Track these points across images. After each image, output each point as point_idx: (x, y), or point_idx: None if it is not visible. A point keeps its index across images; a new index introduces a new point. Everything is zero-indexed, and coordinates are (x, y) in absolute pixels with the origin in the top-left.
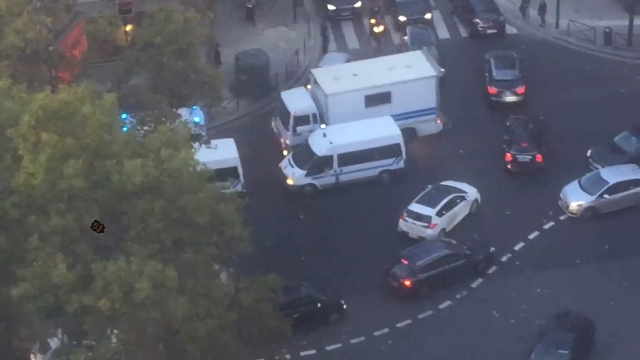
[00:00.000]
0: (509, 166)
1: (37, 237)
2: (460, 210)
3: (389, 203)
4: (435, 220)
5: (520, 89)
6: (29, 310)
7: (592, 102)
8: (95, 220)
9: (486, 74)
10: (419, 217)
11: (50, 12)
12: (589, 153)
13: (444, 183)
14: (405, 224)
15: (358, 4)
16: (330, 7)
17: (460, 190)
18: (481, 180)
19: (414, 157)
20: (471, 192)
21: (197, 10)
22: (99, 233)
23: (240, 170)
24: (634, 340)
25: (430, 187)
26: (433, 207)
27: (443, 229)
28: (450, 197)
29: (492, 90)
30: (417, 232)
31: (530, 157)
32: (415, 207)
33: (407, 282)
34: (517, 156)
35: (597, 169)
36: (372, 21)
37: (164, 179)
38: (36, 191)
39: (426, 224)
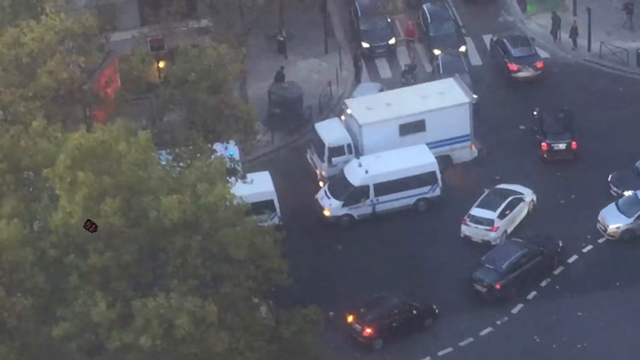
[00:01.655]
0: (545, 155)
1: (76, 276)
2: (520, 212)
3: (427, 231)
4: (498, 222)
5: (539, 64)
6: (70, 349)
7: (627, 124)
8: (88, 220)
9: (502, 53)
10: (481, 220)
11: (82, 52)
12: (610, 178)
13: (499, 186)
14: (468, 229)
15: (392, 41)
16: (365, 44)
17: (517, 192)
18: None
19: (450, 185)
20: (527, 194)
21: (229, 46)
22: (92, 232)
23: (276, 203)
24: None
25: (487, 190)
26: (494, 210)
27: (505, 231)
28: (509, 199)
29: (513, 67)
30: (481, 236)
31: (565, 144)
32: (476, 211)
33: (498, 286)
34: (553, 145)
35: (617, 194)
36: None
37: (201, 214)
38: (74, 230)
39: (489, 227)
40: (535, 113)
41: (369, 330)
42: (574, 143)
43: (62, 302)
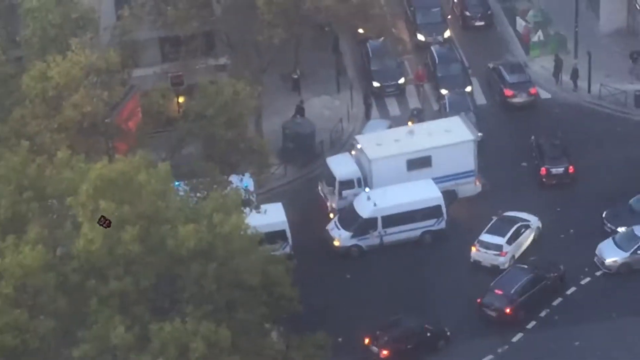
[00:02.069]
0: (544, 179)
1: (96, 300)
2: (526, 238)
3: (433, 262)
4: (506, 248)
5: (533, 90)
6: None
7: (623, 163)
8: (104, 218)
9: (497, 79)
10: (490, 246)
11: (106, 87)
12: (604, 215)
13: (507, 214)
14: (478, 254)
15: (402, 80)
16: (375, 84)
17: (524, 220)
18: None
19: (454, 218)
20: (534, 221)
21: (246, 83)
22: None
23: (288, 233)
24: None
25: (495, 218)
26: (503, 236)
27: (513, 256)
28: (517, 226)
29: (508, 92)
30: (490, 261)
31: (563, 168)
32: (486, 237)
33: (508, 310)
34: (551, 169)
35: (611, 230)
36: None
37: (217, 242)
38: (95, 256)
39: (498, 252)
40: (532, 140)
41: (385, 352)
42: (571, 167)
43: (83, 325)
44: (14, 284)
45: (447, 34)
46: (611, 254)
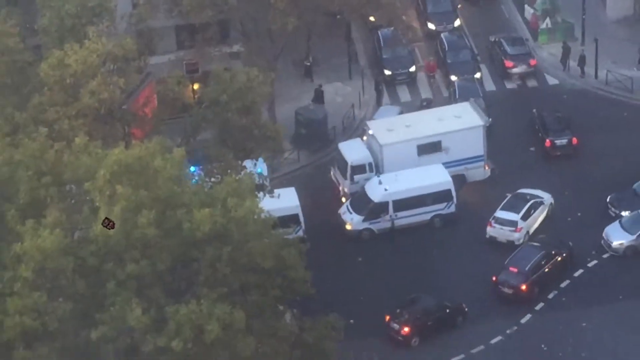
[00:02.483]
0: (548, 151)
1: (114, 283)
2: (540, 214)
3: (442, 245)
4: (521, 224)
5: (532, 61)
6: (107, 352)
7: (628, 147)
8: (108, 220)
9: (501, 52)
10: (505, 222)
11: (122, 74)
12: (608, 199)
13: (520, 191)
14: (494, 230)
15: (413, 68)
16: (387, 72)
17: (538, 196)
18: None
19: (464, 202)
20: (547, 197)
21: (259, 70)
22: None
23: (301, 217)
24: None
25: (509, 195)
26: (517, 212)
27: (527, 232)
28: (531, 202)
29: (509, 64)
30: (505, 237)
31: (567, 140)
32: (501, 213)
33: (524, 287)
34: (556, 141)
35: (615, 214)
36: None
37: (231, 226)
38: (112, 240)
39: (513, 228)
40: (534, 113)
41: (406, 329)
42: (574, 139)
43: (101, 307)
44: (33, 268)
45: (457, 22)
46: (618, 237)
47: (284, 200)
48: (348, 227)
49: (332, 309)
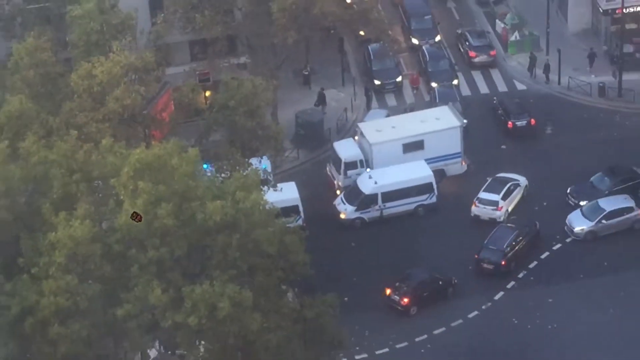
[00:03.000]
0: (510, 132)
1: (136, 267)
2: (517, 195)
3: (425, 231)
4: (501, 203)
5: (492, 52)
6: (131, 327)
7: (587, 145)
8: (136, 213)
9: (466, 43)
10: (488, 202)
11: (143, 83)
12: (568, 190)
13: (499, 175)
14: (478, 209)
15: (399, 79)
16: (377, 82)
17: (514, 179)
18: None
19: (444, 193)
20: (522, 180)
21: (263, 78)
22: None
23: (300, 208)
24: (631, 340)
25: (490, 179)
26: (498, 193)
27: (507, 210)
28: (509, 184)
29: (472, 54)
30: (488, 215)
31: (526, 121)
32: (484, 194)
33: (503, 262)
34: (516, 122)
35: (575, 204)
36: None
37: (239, 216)
38: (135, 229)
39: (495, 207)
40: (495, 100)
41: (406, 300)
42: (532, 120)
43: (125, 288)
44: (66, 254)
45: (437, 38)
46: (579, 223)
47: (286, 193)
48: (342, 216)
49: (329, 288)
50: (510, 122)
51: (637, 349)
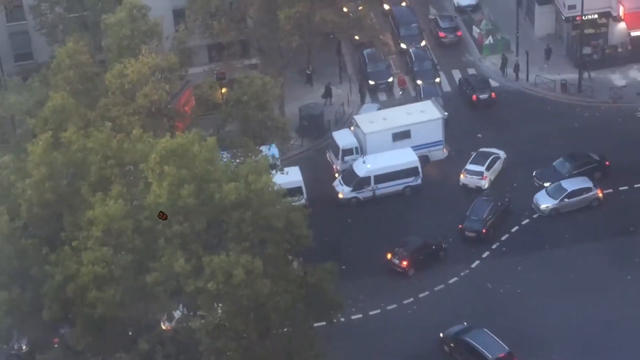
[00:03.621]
0: (474, 104)
1: (163, 240)
2: (498, 166)
3: (414, 208)
4: (486, 174)
5: (459, 33)
6: (158, 292)
7: (551, 133)
8: (162, 212)
9: (437, 26)
10: (474, 172)
11: (167, 81)
12: (534, 173)
13: (482, 149)
14: (465, 179)
15: (390, 79)
16: (371, 82)
17: (495, 153)
18: (475, 194)
19: (428, 176)
20: (502, 154)
21: (271, 77)
22: (163, 219)
23: (303, 189)
24: (587, 299)
25: (474, 153)
26: (483, 165)
27: (490, 180)
28: (491, 157)
29: (442, 34)
30: (474, 184)
31: (488, 94)
32: (470, 166)
33: (484, 230)
34: (480, 95)
35: (541, 185)
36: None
37: (251, 196)
38: (161, 207)
39: (480, 177)
40: (460, 78)
41: (405, 263)
42: (493, 94)
43: (153, 258)
44: (102, 229)
45: (422, 43)
46: (544, 202)
47: (291, 176)
48: (340, 196)
49: (329, 257)
50: (474, 96)
51: (592, 306)
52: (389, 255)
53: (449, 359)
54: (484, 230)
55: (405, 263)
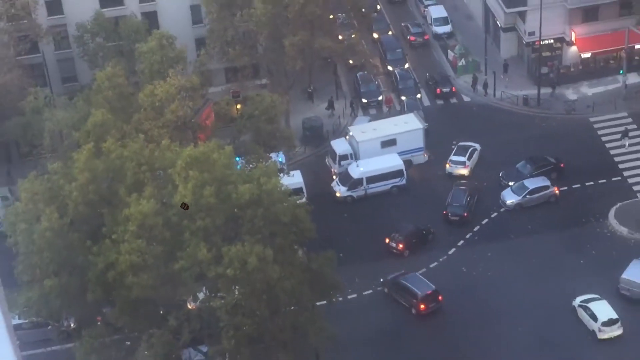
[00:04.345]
0: (438, 96)
1: (188, 233)
2: (476, 157)
3: (399, 204)
4: (467, 163)
5: (427, 36)
6: (184, 277)
7: (514, 140)
8: (183, 203)
9: (408, 32)
10: (458, 162)
11: (191, 99)
12: (500, 174)
13: (462, 143)
14: (450, 168)
15: (380, 97)
16: (364, 100)
17: (473, 145)
18: (449, 190)
19: (411, 177)
20: (478, 146)
21: (279, 95)
22: (185, 210)
23: (304, 189)
24: (548, 281)
25: (455, 147)
26: (464, 156)
27: (471, 168)
28: (471, 149)
29: (412, 38)
30: (458, 172)
31: (449, 88)
32: (454, 157)
33: (465, 214)
34: (443, 89)
35: (506, 184)
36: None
37: (263, 195)
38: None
39: (463, 166)
40: (427, 75)
41: (401, 246)
42: (453, 88)
43: (180, 249)
44: (137, 224)
45: (406, 65)
46: (510, 198)
47: (294, 178)
48: (337, 194)
49: (328, 247)
50: (438, 89)
51: (551, 286)
52: (387, 240)
53: (388, 299)
54: (465, 214)
55: (401, 246)
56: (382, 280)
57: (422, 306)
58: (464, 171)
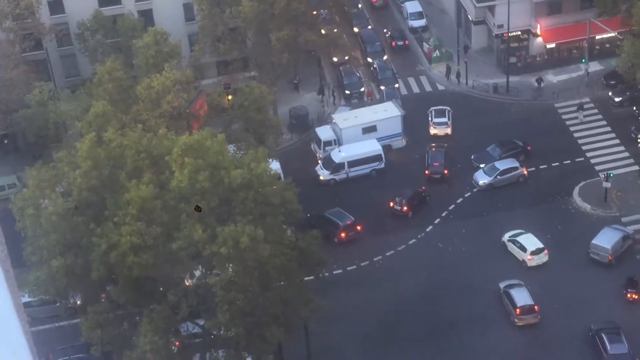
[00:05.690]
0: (393, 49)
1: (185, 215)
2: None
3: (378, 186)
4: (449, 123)
5: (407, 42)
6: (182, 256)
7: (486, 126)
8: (197, 206)
9: (390, 38)
10: (441, 123)
11: (185, 91)
12: (472, 157)
13: (434, 108)
14: (434, 129)
15: (362, 89)
16: (347, 91)
17: (446, 108)
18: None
19: (390, 161)
20: (449, 108)
21: (267, 86)
22: (198, 212)
23: (282, 175)
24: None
25: (432, 111)
26: (445, 117)
27: (452, 128)
28: (446, 110)
29: (394, 43)
30: (442, 130)
31: (403, 42)
32: (436, 119)
33: (446, 172)
34: (397, 42)
35: (478, 166)
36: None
37: (253, 179)
38: (183, 190)
39: (445, 125)
40: (386, 31)
41: (405, 208)
42: (407, 42)
43: (177, 230)
44: (137, 208)
45: (385, 57)
46: (482, 178)
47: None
48: (321, 178)
49: (313, 226)
50: (393, 42)
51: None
52: (391, 204)
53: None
54: (445, 172)
55: (405, 208)
56: (308, 215)
57: (342, 234)
58: (448, 130)
